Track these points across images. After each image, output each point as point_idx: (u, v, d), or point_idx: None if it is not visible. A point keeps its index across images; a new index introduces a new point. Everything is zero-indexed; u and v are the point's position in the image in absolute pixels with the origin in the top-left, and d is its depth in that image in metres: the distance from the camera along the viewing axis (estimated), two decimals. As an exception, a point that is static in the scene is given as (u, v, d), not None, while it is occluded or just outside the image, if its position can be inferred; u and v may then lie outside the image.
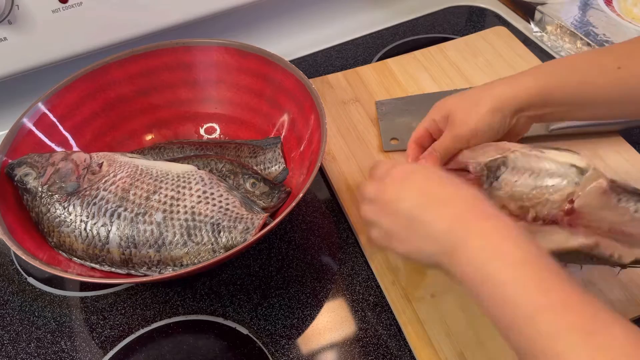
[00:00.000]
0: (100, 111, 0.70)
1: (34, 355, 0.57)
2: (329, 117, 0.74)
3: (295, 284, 0.60)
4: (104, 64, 0.69)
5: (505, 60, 0.81)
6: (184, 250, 0.56)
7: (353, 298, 0.59)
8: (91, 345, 0.57)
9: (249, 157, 0.68)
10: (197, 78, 0.72)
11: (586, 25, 0.81)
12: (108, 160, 0.61)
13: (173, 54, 0.71)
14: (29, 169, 0.59)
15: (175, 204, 0.58)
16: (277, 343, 0.56)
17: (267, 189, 0.64)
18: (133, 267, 0.57)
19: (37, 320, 0.60)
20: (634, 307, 0.54)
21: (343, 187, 0.67)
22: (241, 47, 0.70)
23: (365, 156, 0.71)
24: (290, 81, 0.67)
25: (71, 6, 0.69)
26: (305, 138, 0.65)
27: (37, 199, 0.59)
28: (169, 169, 0.61)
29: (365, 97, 0.79)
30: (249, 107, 0.72)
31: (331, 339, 0.56)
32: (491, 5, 0.95)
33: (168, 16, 0.76)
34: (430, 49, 0.85)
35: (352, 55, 0.89)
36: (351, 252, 0.63)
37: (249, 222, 0.57)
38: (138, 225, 0.57)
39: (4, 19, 0.66)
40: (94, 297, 0.61)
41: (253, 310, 0.58)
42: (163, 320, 0.58)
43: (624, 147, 0.68)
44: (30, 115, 0.64)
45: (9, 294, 0.63)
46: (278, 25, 0.91)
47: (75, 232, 0.57)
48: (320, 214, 0.67)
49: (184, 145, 0.70)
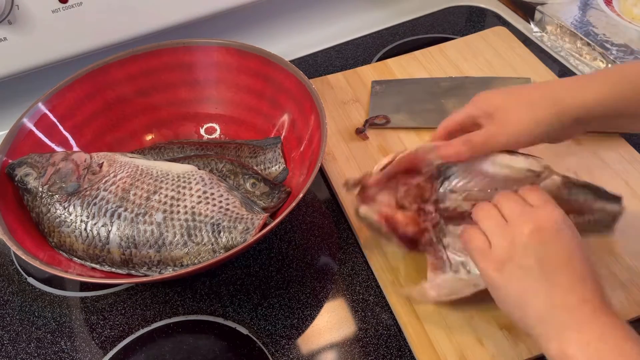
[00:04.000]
0: (101, 111, 0.70)
1: (34, 355, 0.57)
2: (329, 117, 0.74)
3: (295, 284, 0.60)
4: (104, 64, 0.69)
5: (505, 60, 0.81)
6: (184, 251, 0.56)
7: (353, 298, 0.59)
8: (91, 346, 0.57)
9: (249, 157, 0.68)
10: (197, 78, 0.72)
11: (586, 25, 0.81)
12: (108, 160, 0.61)
13: (173, 54, 0.71)
14: (30, 169, 0.59)
15: (176, 204, 0.58)
16: (277, 343, 0.56)
17: (267, 189, 0.64)
18: (133, 267, 0.57)
19: (37, 320, 0.60)
20: (634, 307, 0.54)
21: (343, 187, 0.67)
22: (241, 47, 0.70)
23: (366, 156, 0.71)
24: (291, 81, 0.67)
25: (71, 6, 0.69)
26: (306, 138, 0.65)
27: (38, 199, 0.59)
28: (169, 169, 0.61)
29: (365, 97, 0.79)
30: (249, 107, 0.72)
31: (331, 339, 0.56)
32: (491, 5, 0.95)
33: (168, 16, 0.76)
34: (430, 49, 0.85)
35: (352, 55, 0.89)
36: (351, 252, 0.63)
37: (249, 222, 0.57)
38: (138, 225, 0.57)
39: (4, 19, 0.66)
40: (94, 297, 0.61)
41: (253, 310, 0.58)
42: (163, 320, 0.58)
43: (625, 148, 0.68)
44: (31, 115, 0.64)
45: (9, 294, 0.63)
46: (278, 25, 0.91)
47: (76, 232, 0.57)
48: (320, 214, 0.67)
49: (184, 145, 0.70)
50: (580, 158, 0.67)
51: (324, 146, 0.58)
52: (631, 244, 0.59)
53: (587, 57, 0.80)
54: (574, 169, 0.66)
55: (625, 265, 0.57)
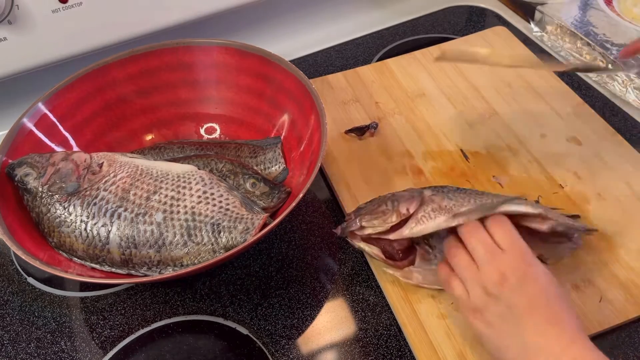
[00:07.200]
0: (100, 111, 0.70)
1: (34, 355, 0.57)
2: (329, 117, 0.74)
3: (295, 284, 0.60)
4: (104, 64, 0.69)
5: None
6: (184, 251, 0.56)
7: (353, 298, 0.59)
8: (91, 346, 0.57)
9: (249, 157, 0.68)
10: (198, 78, 0.72)
11: (586, 25, 0.81)
12: (108, 160, 0.61)
13: (173, 54, 0.71)
14: (30, 169, 0.59)
15: (176, 204, 0.58)
16: (277, 343, 0.56)
17: (267, 189, 0.64)
18: (133, 267, 0.57)
19: (37, 320, 0.60)
20: (634, 307, 0.54)
21: (343, 187, 0.67)
22: (241, 47, 0.70)
23: (365, 156, 0.71)
24: (291, 81, 0.67)
25: (71, 6, 0.69)
26: (306, 138, 0.65)
27: (38, 199, 0.59)
28: (169, 169, 0.61)
29: (365, 97, 0.79)
30: (249, 107, 0.72)
31: (331, 339, 0.56)
32: (491, 5, 0.95)
33: (168, 16, 0.76)
34: (430, 49, 0.85)
35: (352, 55, 0.89)
36: (351, 252, 0.63)
37: (249, 222, 0.57)
38: (138, 225, 0.57)
39: (4, 19, 0.66)
40: (94, 297, 0.61)
41: (253, 310, 0.58)
42: (163, 321, 0.58)
43: (625, 148, 0.68)
44: (31, 115, 0.64)
45: (9, 294, 0.63)
46: (278, 25, 0.91)
47: (76, 232, 0.57)
48: (320, 214, 0.67)
49: (184, 145, 0.70)
50: (580, 158, 0.67)
51: (324, 146, 0.58)
52: (631, 244, 0.59)
53: (587, 57, 0.80)
54: (574, 169, 0.66)
55: (625, 265, 0.57)
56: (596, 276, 0.56)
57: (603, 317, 0.53)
